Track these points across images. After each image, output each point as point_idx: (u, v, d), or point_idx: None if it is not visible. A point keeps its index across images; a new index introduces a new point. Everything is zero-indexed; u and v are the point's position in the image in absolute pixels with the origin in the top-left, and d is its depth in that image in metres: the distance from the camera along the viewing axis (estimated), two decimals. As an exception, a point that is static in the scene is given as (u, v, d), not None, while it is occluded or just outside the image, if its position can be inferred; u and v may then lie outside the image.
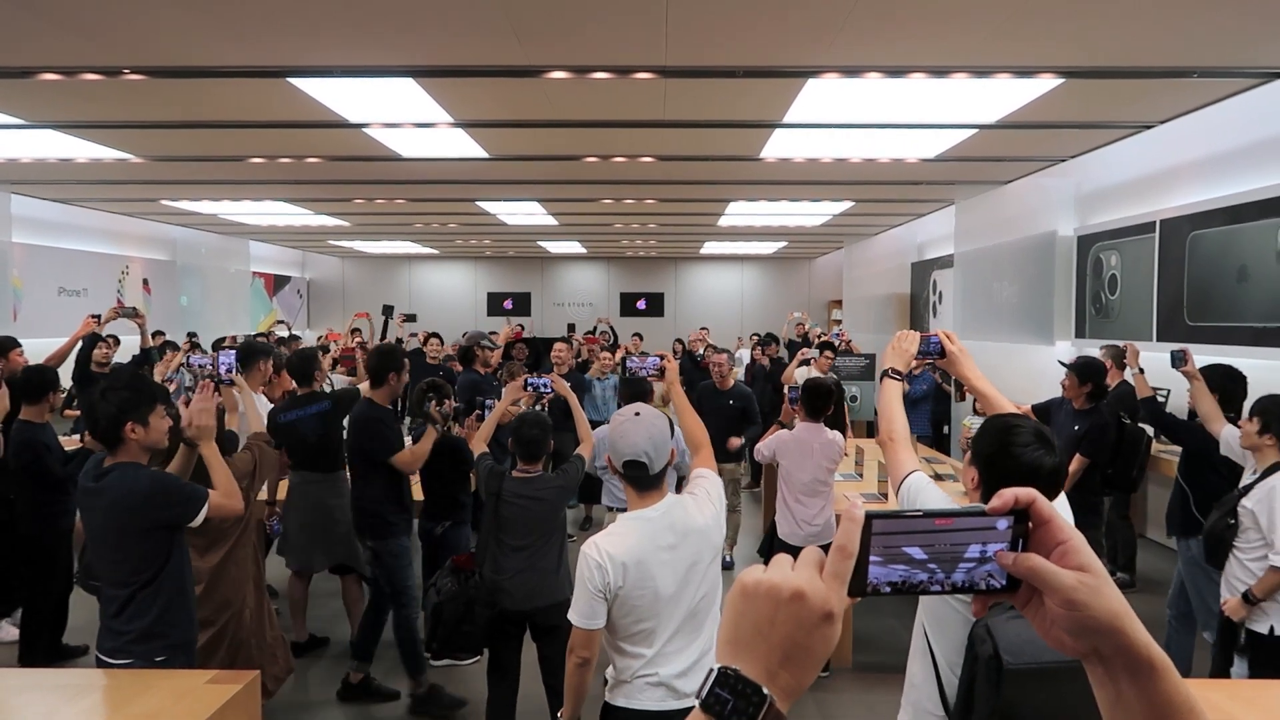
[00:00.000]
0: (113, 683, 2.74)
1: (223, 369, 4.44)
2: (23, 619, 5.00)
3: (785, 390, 6.50)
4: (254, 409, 4.31)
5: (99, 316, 6.44)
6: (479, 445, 4.16)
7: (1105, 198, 7.90)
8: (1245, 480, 3.77)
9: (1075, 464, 5.00)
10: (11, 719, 2.43)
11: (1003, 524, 0.77)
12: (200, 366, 4.64)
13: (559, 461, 4.22)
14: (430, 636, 3.91)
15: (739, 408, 6.89)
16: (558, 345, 7.93)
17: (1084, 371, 5.14)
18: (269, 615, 3.99)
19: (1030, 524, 0.77)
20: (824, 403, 5.15)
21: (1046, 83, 5.40)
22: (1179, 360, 4.66)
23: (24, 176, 9.03)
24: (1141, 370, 5.21)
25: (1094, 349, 7.28)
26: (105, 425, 2.90)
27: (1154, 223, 7.00)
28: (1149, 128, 6.81)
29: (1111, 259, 7.69)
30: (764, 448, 5.33)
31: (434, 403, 4.72)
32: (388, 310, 8.80)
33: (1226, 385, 4.51)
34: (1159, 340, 6.80)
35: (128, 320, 6.88)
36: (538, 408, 5.41)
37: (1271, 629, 3.49)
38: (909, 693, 2.31)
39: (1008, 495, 0.76)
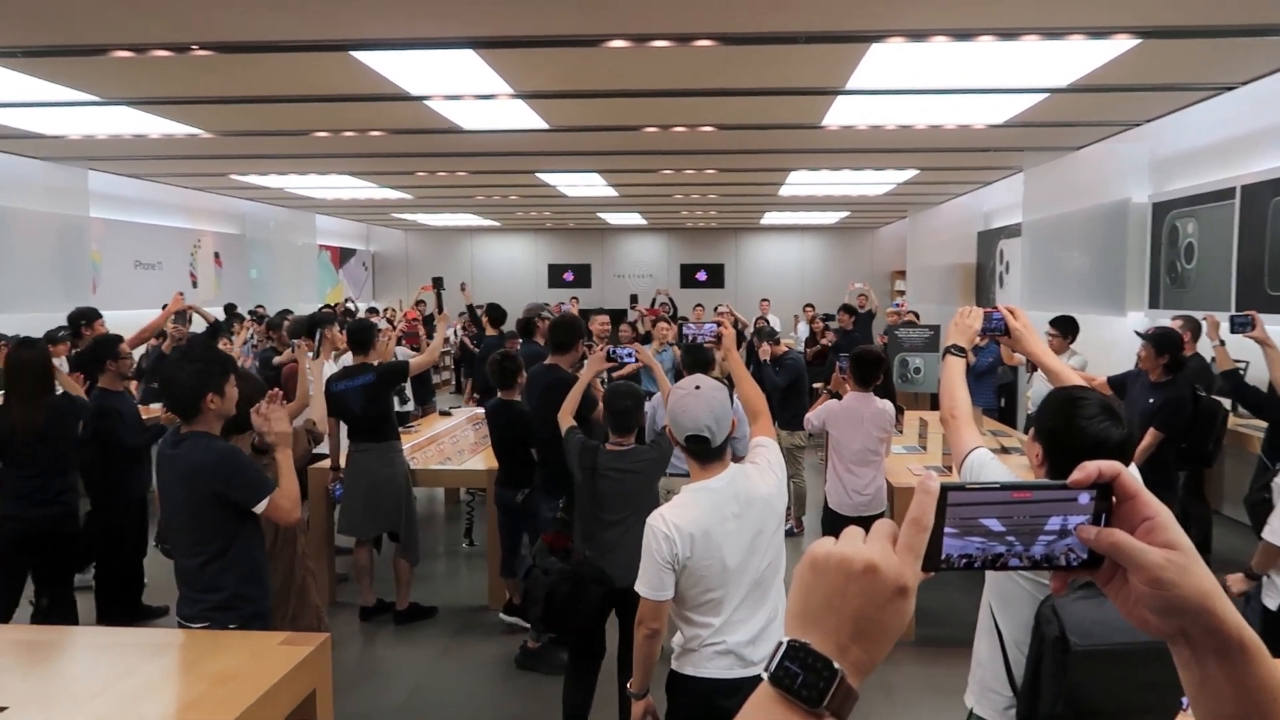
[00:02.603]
0: (189, 642, 2.84)
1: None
2: (96, 584, 5.18)
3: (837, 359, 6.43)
4: (320, 396, 4.42)
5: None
6: (566, 419, 4.06)
7: (1182, 163, 7.61)
8: None
9: (1149, 438, 4.86)
10: (92, 675, 2.54)
11: (1085, 498, 0.74)
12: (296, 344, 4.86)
13: (587, 433, 4.16)
14: (543, 616, 3.75)
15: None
16: (601, 319, 7.59)
17: (1161, 342, 4.97)
18: (299, 599, 3.98)
19: (1114, 498, 0.74)
20: (873, 371, 5.14)
21: (1122, 43, 5.20)
22: (1242, 326, 4.45)
23: (101, 153, 9.29)
24: (1222, 342, 5.03)
25: (1166, 319, 7.05)
26: (187, 397, 2.97)
27: (1234, 189, 6.73)
28: (1230, 89, 6.52)
29: (1188, 226, 7.42)
30: (813, 417, 5.37)
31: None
32: (437, 282, 8.87)
33: None
34: (1237, 310, 6.57)
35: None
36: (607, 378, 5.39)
37: None
38: (975, 671, 2.28)
39: (1091, 468, 0.73)
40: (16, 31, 5.03)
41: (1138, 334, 5.41)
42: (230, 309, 11.51)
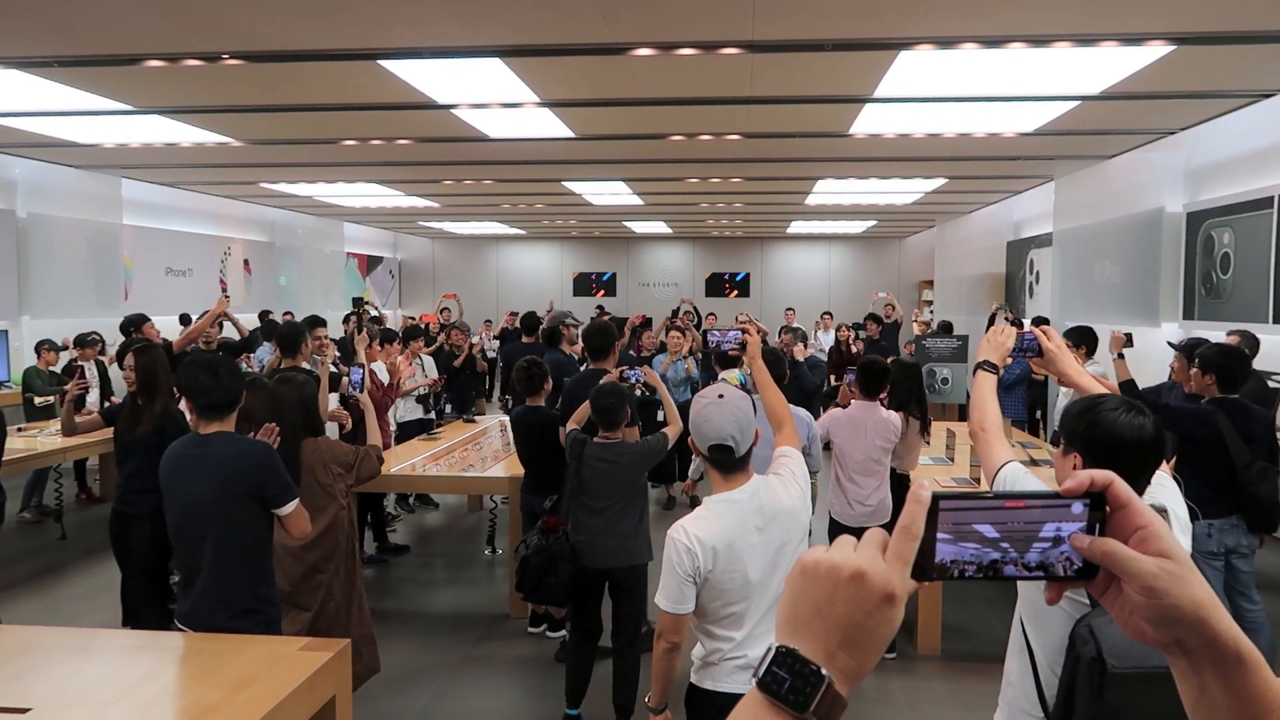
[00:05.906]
0: (208, 647, 2.83)
1: (354, 382, 4.80)
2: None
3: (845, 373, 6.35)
4: (374, 424, 4.43)
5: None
6: (571, 426, 4.36)
7: (1218, 172, 7.49)
8: None
9: (1183, 452, 4.75)
10: (114, 679, 2.54)
11: (1079, 507, 0.74)
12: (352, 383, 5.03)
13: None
14: (519, 585, 4.21)
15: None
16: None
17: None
18: (359, 608, 4.04)
19: (1108, 508, 0.74)
20: (878, 382, 5.08)
21: (1156, 50, 5.12)
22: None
23: (134, 161, 9.42)
24: (1121, 355, 4.99)
25: (1201, 331, 6.93)
26: (235, 392, 3.08)
27: (1272, 197, 6.61)
28: (1268, 96, 6.41)
29: (1224, 236, 7.30)
30: (818, 426, 5.26)
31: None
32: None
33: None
34: (1275, 322, 6.44)
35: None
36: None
37: None
38: (1005, 691, 2.22)
39: (1083, 477, 0.74)
40: (52, 42, 5.10)
41: (1170, 345, 5.32)
42: (264, 315, 11.63)
